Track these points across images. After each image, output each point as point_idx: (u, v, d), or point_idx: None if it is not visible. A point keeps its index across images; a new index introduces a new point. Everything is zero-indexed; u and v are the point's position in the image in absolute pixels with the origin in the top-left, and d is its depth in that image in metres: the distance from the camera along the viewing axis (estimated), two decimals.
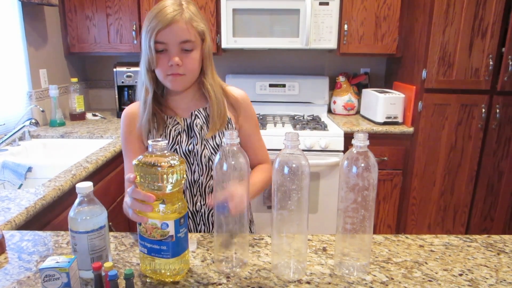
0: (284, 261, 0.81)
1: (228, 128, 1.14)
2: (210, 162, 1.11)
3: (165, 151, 0.77)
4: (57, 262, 0.68)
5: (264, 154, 1.22)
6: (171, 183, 0.75)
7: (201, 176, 1.12)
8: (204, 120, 1.13)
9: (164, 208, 0.76)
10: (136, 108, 1.14)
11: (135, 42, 2.53)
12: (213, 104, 1.11)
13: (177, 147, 1.11)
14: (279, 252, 0.82)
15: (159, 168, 0.74)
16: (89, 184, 0.77)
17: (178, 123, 1.13)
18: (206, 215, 1.15)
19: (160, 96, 1.13)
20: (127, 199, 0.79)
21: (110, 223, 1.74)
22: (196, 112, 1.14)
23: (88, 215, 0.76)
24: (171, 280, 0.79)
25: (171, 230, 0.77)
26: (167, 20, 0.99)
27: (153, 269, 0.79)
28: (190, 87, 1.12)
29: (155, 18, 1.00)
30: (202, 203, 1.14)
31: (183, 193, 1.03)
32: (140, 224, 0.78)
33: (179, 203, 0.78)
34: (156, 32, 1.00)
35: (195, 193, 1.14)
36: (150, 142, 0.77)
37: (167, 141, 0.78)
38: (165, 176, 0.74)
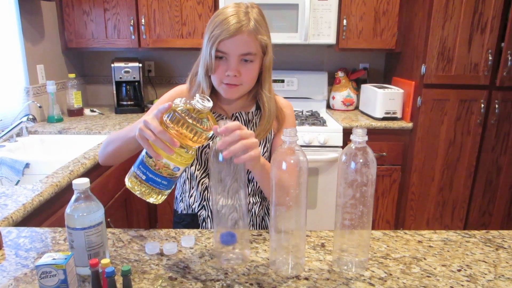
0: (282, 257, 0.81)
1: (269, 139, 1.13)
2: (240, 165, 1.06)
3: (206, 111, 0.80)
4: (53, 258, 0.68)
5: None
6: (205, 138, 0.79)
7: (228, 176, 1.08)
8: (242, 124, 1.10)
9: (183, 155, 0.80)
10: (186, 93, 1.14)
11: (133, 37, 2.52)
12: (264, 117, 1.10)
13: (210, 141, 1.09)
14: (277, 248, 0.81)
15: (206, 123, 0.78)
16: (85, 181, 0.77)
17: (219, 119, 1.11)
18: (225, 217, 1.13)
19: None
20: (146, 131, 0.78)
21: (109, 219, 1.74)
22: (237, 114, 1.13)
23: (85, 212, 0.76)
24: (151, 202, 0.85)
25: (178, 173, 0.83)
26: (231, 31, 0.97)
27: (142, 192, 0.83)
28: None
29: (219, 26, 0.98)
30: (223, 203, 1.05)
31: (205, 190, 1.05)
32: (149, 156, 0.80)
33: (194, 152, 0.83)
34: (218, 41, 0.98)
35: (219, 192, 1.11)
36: (198, 97, 0.78)
37: (212, 104, 0.80)
38: (206, 132, 0.78)
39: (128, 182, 0.84)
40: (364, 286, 0.76)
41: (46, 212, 1.30)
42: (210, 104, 0.79)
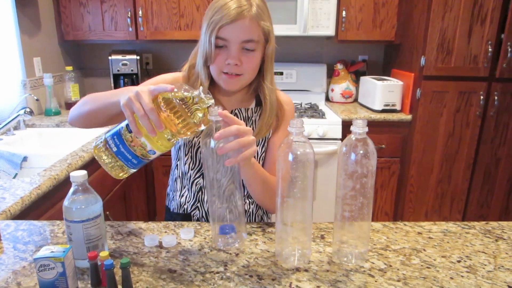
0: (288, 249, 0.81)
1: (267, 138, 1.09)
2: (237, 166, 0.90)
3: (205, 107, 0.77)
4: (51, 251, 0.67)
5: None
6: (192, 132, 0.76)
7: (224, 177, 0.97)
8: (242, 120, 1.05)
9: (164, 141, 0.77)
10: (180, 79, 1.08)
11: (130, 29, 2.49)
12: (266, 111, 1.05)
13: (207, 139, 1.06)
14: (283, 240, 0.81)
15: (200, 118, 0.75)
16: (83, 173, 0.76)
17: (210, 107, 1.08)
18: (222, 216, 1.10)
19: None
20: (136, 104, 0.73)
21: (107, 213, 1.74)
22: (236, 111, 1.09)
23: (83, 204, 0.75)
24: (113, 176, 0.82)
25: (152, 157, 0.79)
26: (232, 16, 0.92)
27: (106, 163, 0.80)
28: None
29: (219, 11, 0.93)
30: (218, 205, 0.97)
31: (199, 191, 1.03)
32: (129, 131, 0.76)
33: (175, 142, 0.79)
34: (219, 27, 0.93)
35: (214, 193, 1.08)
36: (201, 90, 0.76)
37: (213, 102, 0.78)
38: (197, 127, 0.75)
39: (95, 149, 0.80)
40: (364, 278, 0.76)
41: (45, 205, 1.29)
42: (211, 101, 0.76)
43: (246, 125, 1.03)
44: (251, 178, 0.93)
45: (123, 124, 0.78)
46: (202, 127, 0.78)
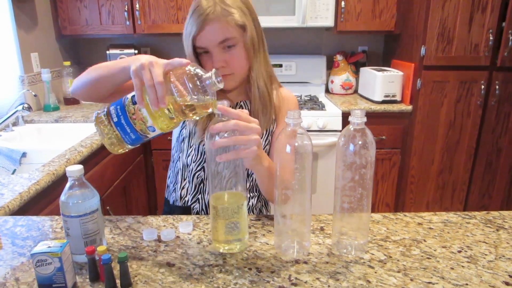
0: (287, 241, 0.80)
1: (270, 131, 1.08)
2: (238, 160, 0.87)
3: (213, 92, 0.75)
4: (49, 247, 0.67)
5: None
6: (193, 114, 0.74)
7: (226, 169, 0.92)
8: (248, 114, 1.06)
9: (166, 119, 0.74)
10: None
11: (128, 23, 2.47)
12: (255, 99, 1.03)
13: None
14: (282, 232, 0.81)
15: (208, 99, 0.72)
16: (79, 167, 0.75)
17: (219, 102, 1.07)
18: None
19: None
20: (147, 73, 0.71)
21: (108, 208, 1.74)
22: (241, 103, 1.08)
23: (80, 199, 0.75)
24: (110, 151, 0.81)
25: (151, 135, 0.77)
26: (199, 25, 0.93)
27: (103, 132, 0.78)
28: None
29: (189, 23, 0.95)
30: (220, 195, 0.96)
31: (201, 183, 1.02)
32: (134, 102, 0.74)
33: (177, 123, 0.76)
34: (192, 38, 0.95)
35: (215, 185, 1.07)
36: (214, 72, 0.73)
37: (222, 86, 0.75)
38: (196, 107, 0.72)
39: (96, 120, 0.79)
40: (364, 269, 0.75)
41: (44, 201, 1.29)
42: (221, 85, 0.73)
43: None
44: (262, 175, 0.90)
45: (129, 95, 0.77)
46: (209, 111, 0.75)
